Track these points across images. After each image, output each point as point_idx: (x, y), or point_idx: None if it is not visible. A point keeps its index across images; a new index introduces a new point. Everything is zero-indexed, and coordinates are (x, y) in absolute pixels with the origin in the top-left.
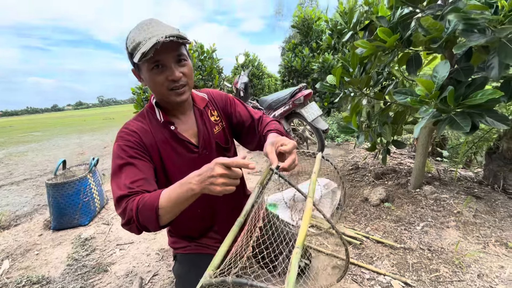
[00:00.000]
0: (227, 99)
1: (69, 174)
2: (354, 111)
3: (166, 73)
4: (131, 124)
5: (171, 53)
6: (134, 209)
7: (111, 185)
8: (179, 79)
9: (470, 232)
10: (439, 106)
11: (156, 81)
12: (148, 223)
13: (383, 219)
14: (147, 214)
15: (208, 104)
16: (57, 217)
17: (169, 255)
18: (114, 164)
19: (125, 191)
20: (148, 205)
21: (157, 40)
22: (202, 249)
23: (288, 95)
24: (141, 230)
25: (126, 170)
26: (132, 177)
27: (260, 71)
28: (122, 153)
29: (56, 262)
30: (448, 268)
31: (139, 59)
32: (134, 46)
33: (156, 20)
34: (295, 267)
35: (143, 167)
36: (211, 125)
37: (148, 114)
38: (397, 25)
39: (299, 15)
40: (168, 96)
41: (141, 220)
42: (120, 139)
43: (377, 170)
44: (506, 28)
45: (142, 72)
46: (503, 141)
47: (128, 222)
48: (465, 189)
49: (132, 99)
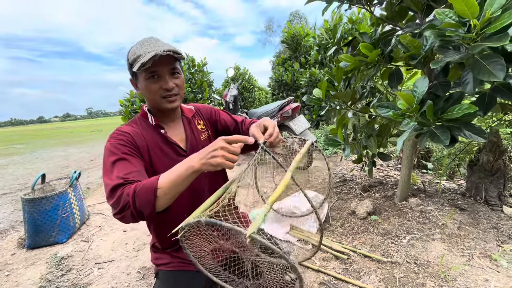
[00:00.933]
0: (211, 110)
1: (48, 189)
2: (340, 124)
3: (160, 82)
4: (123, 127)
5: (167, 66)
6: (131, 193)
7: (104, 179)
8: (171, 89)
9: (455, 245)
10: (420, 119)
11: (151, 89)
12: (144, 206)
13: (370, 232)
14: (144, 196)
15: (195, 115)
16: (32, 234)
17: (151, 273)
18: (107, 161)
19: (120, 180)
20: (146, 187)
21: (155, 53)
22: (185, 266)
23: (276, 108)
24: (135, 217)
25: (119, 164)
26: (126, 170)
27: (250, 84)
28: (115, 149)
29: (27, 284)
30: (435, 282)
31: (138, 67)
32: (135, 58)
33: (156, 38)
34: (261, 217)
35: (135, 162)
36: (198, 133)
37: (140, 121)
38: (379, 41)
39: (288, 31)
40: (160, 103)
41: (138, 203)
42: (113, 139)
43: (364, 182)
44: (478, 46)
45: (139, 81)
46: (482, 153)
47: (123, 208)
48: (449, 201)
49: (121, 111)
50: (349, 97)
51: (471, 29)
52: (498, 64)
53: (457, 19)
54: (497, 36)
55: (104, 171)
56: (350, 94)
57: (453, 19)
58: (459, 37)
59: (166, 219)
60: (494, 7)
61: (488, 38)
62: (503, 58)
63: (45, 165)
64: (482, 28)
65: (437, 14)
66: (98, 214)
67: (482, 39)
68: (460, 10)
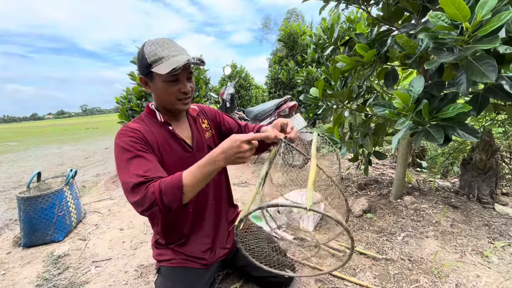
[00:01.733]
0: (215, 112)
1: (44, 187)
2: (336, 123)
3: (179, 85)
4: (129, 124)
5: (186, 70)
6: (157, 192)
7: (121, 177)
8: (188, 92)
9: (448, 242)
10: (415, 118)
11: (169, 91)
12: (172, 203)
13: (365, 230)
14: (172, 194)
15: (199, 113)
16: (28, 233)
17: (149, 271)
18: (122, 158)
19: (140, 178)
20: (173, 186)
21: (188, 60)
22: (188, 263)
23: (273, 106)
24: (162, 212)
25: (135, 161)
26: (144, 167)
27: (247, 82)
28: (128, 147)
29: (24, 282)
30: (428, 278)
31: (168, 72)
32: (156, 59)
33: (171, 39)
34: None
35: (151, 158)
36: (203, 131)
37: (147, 118)
38: (375, 41)
39: (285, 30)
40: (175, 105)
41: (166, 201)
42: (123, 136)
43: (360, 180)
44: (470, 48)
45: (154, 81)
46: (475, 152)
47: (151, 206)
48: (443, 199)
49: (117, 108)
50: (346, 96)
51: (463, 31)
52: (490, 66)
53: (449, 22)
54: (488, 38)
55: (119, 168)
56: (346, 93)
57: (445, 22)
58: (452, 39)
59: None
60: (485, 9)
61: (479, 41)
62: (495, 60)
63: (40, 163)
64: (473, 30)
65: (430, 18)
66: (95, 212)
67: (474, 41)
68: (452, 13)
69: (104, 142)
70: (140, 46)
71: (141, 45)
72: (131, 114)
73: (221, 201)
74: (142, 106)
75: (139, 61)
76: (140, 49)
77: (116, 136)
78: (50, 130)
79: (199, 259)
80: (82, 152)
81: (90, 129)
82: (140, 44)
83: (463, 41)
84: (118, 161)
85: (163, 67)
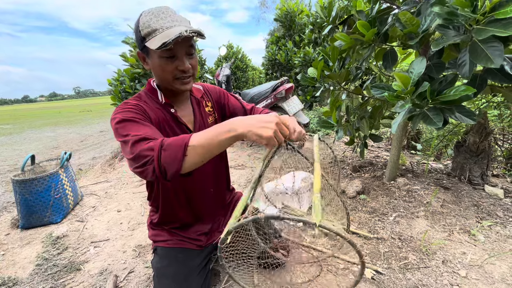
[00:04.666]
0: (220, 92)
1: (38, 170)
2: (334, 106)
3: (176, 62)
4: (129, 101)
5: (185, 45)
6: (157, 147)
7: (122, 138)
8: (188, 70)
9: (437, 221)
10: (415, 101)
11: (166, 69)
12: (170, 163)
13: (358, 210)
14: (173, 152)
15: (203, 95)
16: (25, 215)
17: (146, 251)
18: (122, 127)
19: (141, 136)
20: (176, 143)
21: (180, 33)
22: (184, 243)
23: (270, 88)
24: (156, 174)
25: (136, 125)
26: (145, 130)
27: (244, 63)
28: (128, 115)
29: (24, 262)
30: (416, 256)
31: (158, 47)
32: (149, 31)
33: (171, 9)
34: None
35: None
36: (206, 115)
37: (147, 96)
38: (375, 19)
39: (281, 8)
40: (173, 84)
41: (163, 159)
42: (123, 110)
43: (355, 163)
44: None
45: (150, 57)
46: (469, 135)
47: (145, 163)
48: (435, 181)
49: (111, 91)
50: (343, 78)
51: (476, 9)
52: (497, 50)
53: None
54: (504, 22)
55: (118, 133)
56: (344, 75)
57: None
58: (465, 17)
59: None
60: None
61: (492, 23)
62: (502, 44)
63: (34, 146)
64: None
65: None
66: (92, 195)
67: (486, 23)
68: None
69: (99, 125)
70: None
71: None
72: (124, 96)
73: (220, 188)
74: (135, 88)
75: (135, 34)
76: (136, 20)
77: (114, 111)
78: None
79: (195, 240)
80: (77, 135)
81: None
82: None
83: (474, 19)
84: (117, 128)
85: (155, 42)
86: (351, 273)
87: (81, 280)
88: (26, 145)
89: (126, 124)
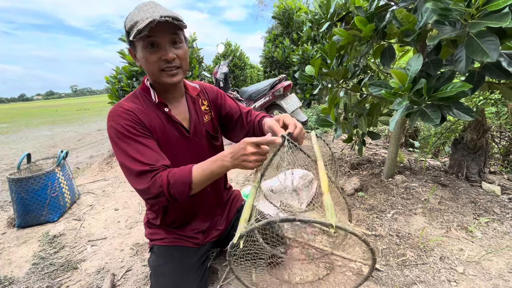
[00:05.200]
0: (217, 92)
1: (35, 168)
2: (332, 104)
3: (160, 52)
4: (124, 104)
5: (168, 34)
6: (165, 184)
7: (122, 162)
8: (172, 60)
9: (435, 218)
10: (412, 98)
11: (149, 60)
12: (180, 195)
13: (356, 208)
14: (180, 188)
15: (199, 94)
16: (21, 214)
17: (144, 249)
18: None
19: (145, 167)
20: (182, 180)
21: (153, 19)
22: (180, 242)
23: (268, 86)
24: (169, 202)
25: (135, 146)
26: (146, 153)
27: (242, 61)
28: (125, 131)
29: (20, 261)
30: (414, 252)
31: (134, 35)
32: (132, 24)
33: (155, 2)
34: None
35: (151, 144)
36: (202, 114)
37: (142, 96)
38: (373, 15)
39: (279, 6)
40: (159, 76)
41: (173, 193)
42: (118, 118)
43: (353, 160)
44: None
45: (137, 51)
46: (467, 132)
47: (157, 195)
48: (432, 178)
49: (108, 89)
50: (341, 75)
51: (471, 4)
52: (492, 44)
53: None
54: (497, 15)
55: (119, 153)
56: (342, 72)
57: None
58: (459, 12)
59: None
60: None
61: (487, 16)
62: (497, 38)
63: (31, 145)
64: (484, 3)
65: None
66: (89, 193)
67: (481, 16)
68: None
69: (97, 124)
70: None
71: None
72: (122, 95)
73: (217, 187)
74: (133, 86)
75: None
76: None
77: (109, 116)
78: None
79: (192, 238)
80: (75, 133)
81: (81, 110)
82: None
83: (469, 14)
84: (116, 145)
85: (133, 33)
86: (349, 271)
87: (78, 279)
88: (23, 144)
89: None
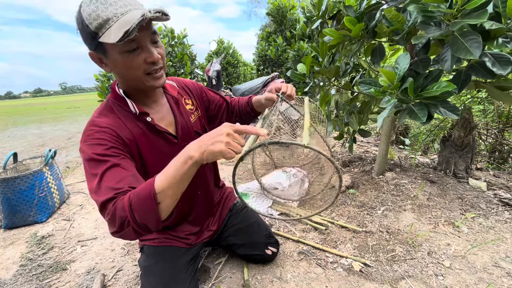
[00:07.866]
0: (201, 88)
1: (21, 168)
2: (323, 101)
3: (144, 55)
4: (97, 121)
5: (148, 32)
6: (127, 206)
7: (91, 193)
8: (158, 61)
9: (424, 214)
10: (400, 96)
11: (132, 65)
12: (147, 218)
13: (348, 205)
14: (144, 206)
15: (180, 92)
16: (8, 214)
17: (135, 249)
18: (89, 169)
19: (110, 194)
20: (143, 195)
21: (143, 16)
22: (171, 242)
23: (260, 84)
24: (139, 232)
25: (108, 173)
26: (116, 177)
27: (235, 59)
28: (96, 156)
29: (7, 263)
30: (403, 248)
31: (120, 38)
32: (101, 23)
33: None
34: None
35: (125, 165)
36: (187, 114)
37: (116, 106)
38: (363, 15)
39: (273, 3)
40: (144, 81)
41: (138, 217)
42: (90, 139)
43: (345, 158)
44: (457, 22)
45: (109, 55)
46: (455, 129)
47: (122, 226)
48: (421, 175)
49: (98, 86)
50: (333, 73)
51: (452, 4)
52: (475, 42)
53: None
54: (476, 13)
55: (88, 182)
56: (333, 70)
57: None
58: (441, 12)
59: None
60: None
61: (468, 15)
62: (480, 36)
63: (19, 144)
64: (463, 4)
65: None
66: (79, 193)
67: (462, 16)
68: None
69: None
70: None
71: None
72: None
73: (208, 189)
74: None
75: (81, 31)
76: (77, 13)
77: (82, 137)
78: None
79: (183, 238)
80: (64, 132)
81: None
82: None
83: (451, 15)
84: (86, 172)
85: (112, 34)
86: (340, 267)
87: (67, 280)
88: (10, 143)
89: (91, 166)
